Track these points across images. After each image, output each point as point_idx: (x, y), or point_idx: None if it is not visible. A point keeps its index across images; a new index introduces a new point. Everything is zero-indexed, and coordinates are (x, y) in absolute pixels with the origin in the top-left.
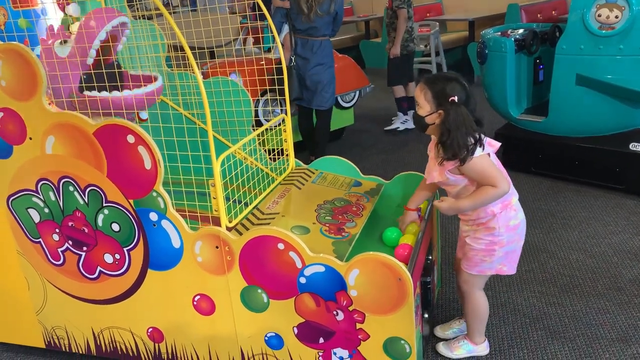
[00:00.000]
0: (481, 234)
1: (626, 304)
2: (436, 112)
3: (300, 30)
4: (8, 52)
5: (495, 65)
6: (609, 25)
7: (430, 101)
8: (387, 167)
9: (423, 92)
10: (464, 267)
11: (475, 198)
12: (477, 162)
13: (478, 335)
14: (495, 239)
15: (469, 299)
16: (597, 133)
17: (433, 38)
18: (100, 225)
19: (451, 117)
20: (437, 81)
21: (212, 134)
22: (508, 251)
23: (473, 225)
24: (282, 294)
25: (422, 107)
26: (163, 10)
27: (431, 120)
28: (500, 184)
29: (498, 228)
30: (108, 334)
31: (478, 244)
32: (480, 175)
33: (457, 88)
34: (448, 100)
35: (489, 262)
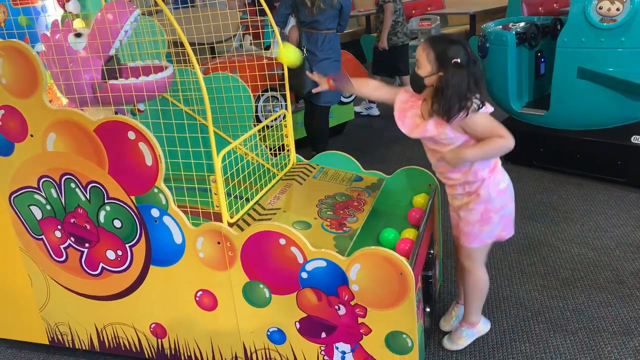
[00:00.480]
0: (474, 203)
1: (628, 297)
2: (436, 73)
3: (305, 23)
4: (8, 49)
5: (496, 59)
6: (610, 17)
7: (432, 61)
8: (388, 162)
9: (425, 52)
10: (463, 243)
11: (482, 147)
12: (481, 117)
13: (475, 314)
14: (488, 205)
15: (471, 275)
16: (599, 126)
17: (434, 32)
18: (102, 222)
19: (449, 77)
20: (441, 42)
21: (213, 130)
22: (503, 215)
23: (464, 197)
24: (284, 289)
25: (423, 67)
26: (163, 6)
27: (430, 82)
28: (507, 135)
29: (489, 193)
30: (111, 330)
31: (473, 215)
32: (487, 128)
33: (460, 51)
34: (451, 62)
35: (487, 230)
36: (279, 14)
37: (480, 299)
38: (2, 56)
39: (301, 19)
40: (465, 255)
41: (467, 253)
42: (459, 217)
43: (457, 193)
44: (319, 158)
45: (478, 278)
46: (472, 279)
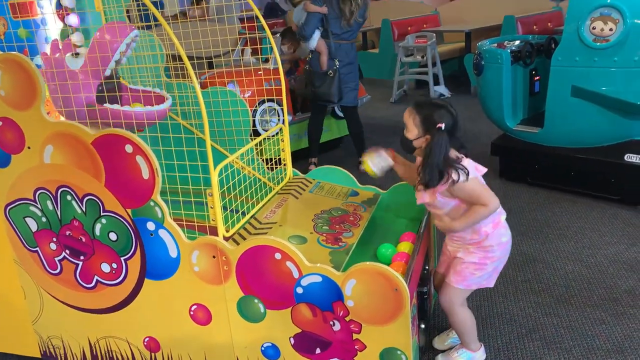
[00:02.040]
0: (474, 247)
1: (622, 314)
2: (423, 136)
3: (335, 35)
4: (8, 62)
5: (491, 77)
6: (603, 37)
7: (418, 125)
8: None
9: (412, 116)
10: (450, 281)
11: (467, 218)
12: (469, 185)
13: (473, 343)
14: (488, 253)
15: (453, 316)
16: (593, 144)
17: (430, 49)
18: (98, 235)
19: (433, 142)
20: (426, 107)
21: (210, 144)
22: (496, 267)
23: (464, 244)
24: (279, 304)
25: (410, 130)
26: (162, 21)
27: (418, 144)
28: (491, 202)
29: (492, 245)
30: (104, 344)
31: (471, 257)
32: (470, 196)
33: (444, 115)
34: (435, 127)
35: (478, 276)
36: (310, 27)
37: (470, 332)
38: (1, 68)
39: (333, 31)
40: (448, 297)
41: (450, 294)
42: (455, 257)
43: (457, 239)
44: (315, 172)
45: (461, 318)
46: (456, 321)
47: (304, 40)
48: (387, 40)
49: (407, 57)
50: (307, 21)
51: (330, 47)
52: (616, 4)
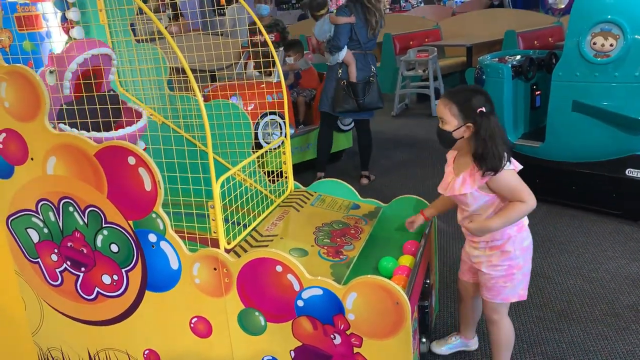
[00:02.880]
0: (497, 259)
1: (624, 330)
2: (464, 125)
3: (362, 45)
4: (12, 74)
5: (492, 91)
6: (604, 53)
7: (457, 115)
8: (385, 190)
9: (448, 107)
10: (487, 298)
11: (506, 215)
12: (508, 176)
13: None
14: (512, 262)
15: (496, 327)
16: (594, 159)
17: (431, 63)
18: (99, 246)
19: (484, 127)
20: (461, 94)
21: (212, 156)
22: (525, 273)
23: (486, 250)
24: (280, 316)
25: (448, 122)
26: (165, 33)
27: (459, 135)
28: (529, 199)
29: (514, 250)
30: (104, 356)
31: (497, 270)
32: (511, 189)
33: (482, 99)
34: (477, 112)
35: (510, 287)
36: (344, 37)
37: (508, 350)
38: (6, 80)
39: (362, 41)
40: (492, 310)
41: (493, 307)
42: (481, 272)
43: (479, 246)
44: (317, 185)
45: (504, 329)
46: (497, 331)
47: (337, 51)
48: (388, 54)
49: (408, 71)
50: (339, 32)
51: (360, 56)
52: (617, 19)
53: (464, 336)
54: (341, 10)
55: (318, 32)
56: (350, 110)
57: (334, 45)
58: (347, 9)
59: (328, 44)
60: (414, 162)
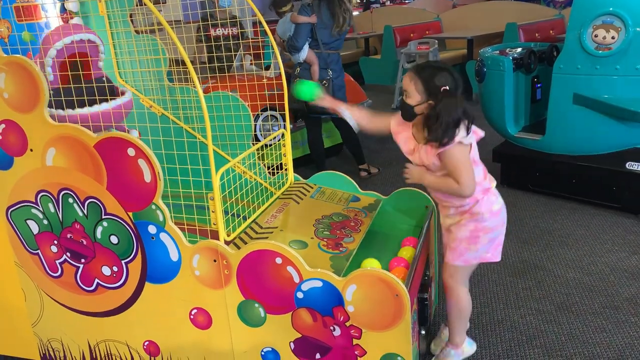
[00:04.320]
0: (465, 220)
1: (623, 322)
2: (426, 102)
3: (325, 44)
4: (11, 64)
5: (493, 84)
6: (605, 45)
7: (421, 91)
8: (385, 183)
9: (413, 81)
10: (447, 259)
11: (441, 181)
12: (455, 152)
13: (459, 334)
14: (479, 224)
15: (452, 294)
16: (594, 152)
17: (432, 55)
18: (99, 238)
19: (442, 105)
20: (427, 71)
21: (212, 148)
22: (492, 238)
23: (456, 215)
24: (279, 308)
25: (412, 96)
26: (165, 24)
27: (420, 110)
28: (463, 185)
29: (482, 213)
30: (104, 347)
31: (462, 231)
32: (452, 166)
33: (447, 78)
34: (440, 90)
35: (473, 250)
36: (302, 38)
37: (462, 319)
38: (5, 71)
39: (323, 41)
40: (448, 274)
41: (450, 271)
42: (449, 233)
43: (449, 213)
44: (317, 178)
45: (459, 298)
46: (453, 299)
47: (295, 51)
48: (389, 46)
49: (409, 63)
50: (298, 32)
51: (320, 57)
52: (619, 12)
53: None
54: (303, 9)
55: (281, 30)
56: (298, 109)
57: (291, 45)
58: (309, 8)
59: (287, 44)
60: None
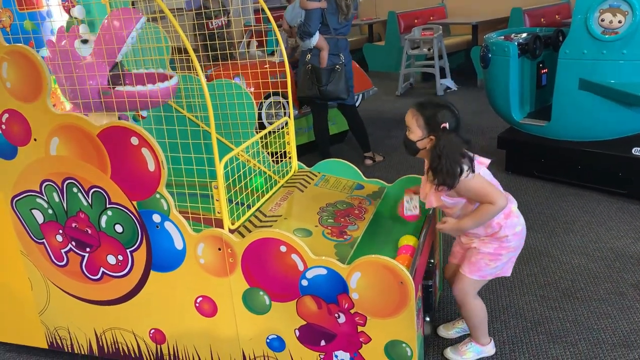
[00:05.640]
0: (489, 240)
1: (628, 309)
2: (427, 137)
3: (335, 30)
4: (13, 53)
5: (498, 69)
6: (612, 30)
7: (422, 127)
8: (389, 170)
9: (415, 117)
10: (464, 272)
11: (476, 217)
12: (471, 182)
13: (483, 337)
14: (503, 244)
15: (466, 307)
16: (600, 138)
17: (436, 41)
18: (104, 227)
19: (442, 143)
20: (429, 108)
21: (216, 137)
22: (511, 257)
23: (480, 237)
24: (284, 296)
25: (414, 132)
26: (167, 13)
27: (422, 145)
28: (497, 200)
29: (507, 235)
30: (110, 335)
31: (486, 247)
32: (477, 195)
33: (447, 115)
34: (440, 127)
35: (492, 267)
36: (314, 23)
37: (482, 325)
38: (7, 60)
39: (333, 27)
40: (460, 288)
41: (464, 285)
42: (470, 247)
43: (472, 235)
44: (321, 166)
45: (474, 309)
46: (467, 311)
47: (308, 37)
48: (393, 32)
49: (413, 49)
50: (310, 17)
51: (330, 42)
52: None
53: None
54: None
55: (289, 16)
56: (312, 96)
57: (304, 31)
58: None
59: (299, 30)
60: None
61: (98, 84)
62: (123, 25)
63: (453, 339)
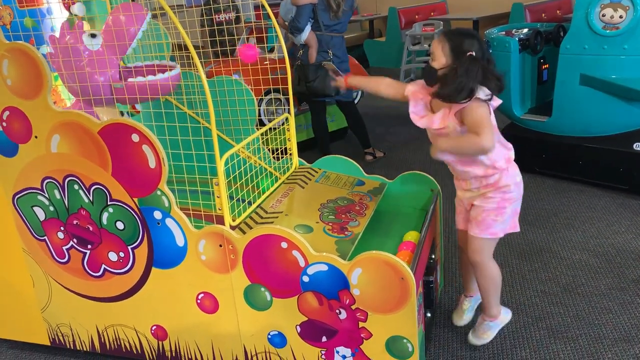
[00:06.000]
0: (491, 192)
1: (629, 304)
2: (451, 65)
3: (327, 27)
4: (14, 51)
5: (499, 65)
6: (613, 25)
7: (447, 54)
8: (390, 167)
9: (441, 44)
10: (474, 233)
11: (459, 138)
12: (479, 108)
13: (495, 306)
14: (505, 195)
15: (482, 269)
16: (601, 133)
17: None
18: (105, 224)
19: (464, 68)
20: (457, 35)
21: (216, 133)
22: (514, 208)
23: (480, 189)
24: (285, 292)
25: (438, 59)
26: (167, 9)
27: (443, 74)
28: (486, 137)
29: (509, 184)
30: (112, 332)
31: (489, 202)
32: (474, 121)
33: (475, 44)
34: (466, 55)
35: (500, 221)
36: (304, 18)
37: (496, 291)
38: (7, 58)
39: (324, 23)
40: (475, 250)
41: (477, 246)
42: (473, 207)
43: (472, 187)
44: (321, 162)
45: (490, 271)
46: (483, 274)
47: (298, 32)
48: (394, 28)
49: (414, 45)
50: (300, 13)
51: (321, 39)
52: None
53: (470, 294)
54: None
55: (283, 11)
56: (301, 92)
57: (294, 26)
58: None
59: (289, 25)
60: (419, 139)
61: (108, 79)
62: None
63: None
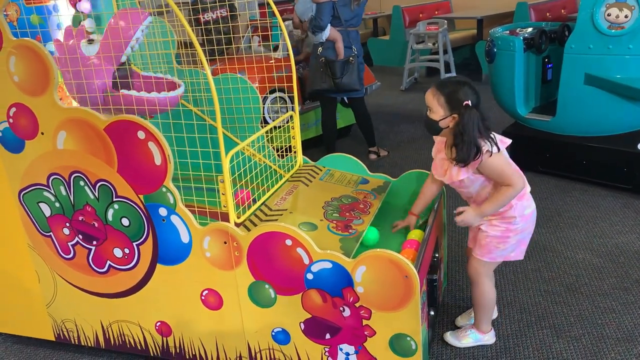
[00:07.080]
0: (496, 220)
1: (632, 304)
2: (450, 116)
3: (346, 22)
4: (21, 48)
5: (503, 64)
6: (618, 24)
7: (444, 105)
8: (394, 165)
9: (436, 97)
10: (475, 254)
11: (496, 201)
12: (494, 161)
13: (485, 324)
14: (510, 226)
15: (477, 287)
16: (605, 133)
17: (441, 36)
18: (110, 220)
19: (465, 120)
20: (449, 86)
21: (222, 131)
22: (520, 239)
23: (487, 218)
24: (289, 289)
25: (435, 111)
26: (174, 6)
27: (444, 124)
28: (516, 183)
29: (514, 217)
30: (117, 328)
31: (494, 230)
32: (498, 174)
33: (469, 92)
34: (462, 105)
35: (501, 249)
36: (326, 16)
37: (487, 310)
38: (15, 54)
39: (344, 18)
40: (473, 267)
41: (476, 265)
42: (479, 230)
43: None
44: (326, 160)
45: (483, 290)
46: (478, 291)
47: (320, 31)
48: (397, 27)
49: (418, 44)
50: (321, 11)
51: (342, 34)
52: None
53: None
54: None
55: (300, 10)
56: (326, 89)
57: (316, 25)
58: None
59: (310, 24)
60: (423, 137)
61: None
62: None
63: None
